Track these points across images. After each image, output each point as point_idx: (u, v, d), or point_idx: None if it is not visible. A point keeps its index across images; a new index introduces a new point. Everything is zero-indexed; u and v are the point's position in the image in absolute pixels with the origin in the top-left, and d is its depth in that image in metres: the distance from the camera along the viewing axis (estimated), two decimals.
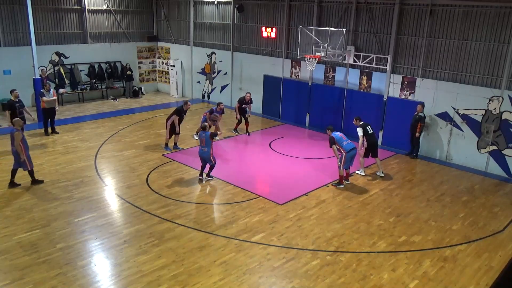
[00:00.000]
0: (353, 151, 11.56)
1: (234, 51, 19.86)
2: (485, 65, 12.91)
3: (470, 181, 12.55)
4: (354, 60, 15.23)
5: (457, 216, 10.29)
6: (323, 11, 16.38)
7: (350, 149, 11.51)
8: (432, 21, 13.72)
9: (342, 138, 11.63)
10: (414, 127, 13.87)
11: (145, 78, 23.45)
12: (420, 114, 13.77)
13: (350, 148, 11.52)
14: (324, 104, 16.86)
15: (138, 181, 11.63)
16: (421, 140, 14.26)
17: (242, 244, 8.69)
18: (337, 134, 11.71)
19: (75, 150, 13.75)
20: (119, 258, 8.11)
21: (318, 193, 11.23)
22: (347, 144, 11.52)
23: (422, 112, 13.79)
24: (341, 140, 11.55)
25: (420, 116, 13.74)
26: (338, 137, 11.56)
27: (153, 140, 15.03)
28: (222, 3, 19.91)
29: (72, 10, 20.13)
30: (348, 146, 11.51)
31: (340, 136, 11.64)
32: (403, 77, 14.62)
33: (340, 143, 11.48)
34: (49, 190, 10.83)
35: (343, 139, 11.61)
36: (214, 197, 10.94)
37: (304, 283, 7.56)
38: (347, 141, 11.58)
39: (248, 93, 16.06)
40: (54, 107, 15.18)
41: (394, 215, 10.19)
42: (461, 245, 9.00)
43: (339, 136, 11.65)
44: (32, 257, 8.01)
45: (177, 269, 7.80)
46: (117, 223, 9.45)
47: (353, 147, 11.59)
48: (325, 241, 8.91)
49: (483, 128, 13.14)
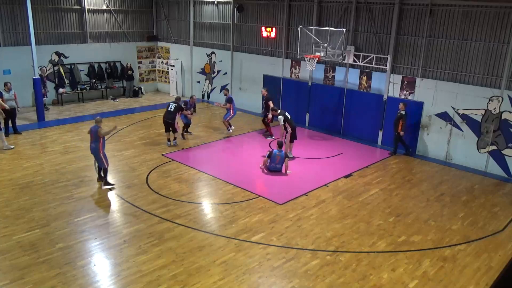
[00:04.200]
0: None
1: (234, 51, 19.86)
2: (484, 65, 12.92)
3: (470, 181, 12.55)
4: (354, 60, 15.23)
5: (456, 216, 10.30)
6: (323, 11, 16.38)
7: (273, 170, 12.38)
8: (432, 21, 13.73)
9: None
10: (396, 125, 14.02)
11: (145, 78, 23.44)
12: (401, 112, 13.91)
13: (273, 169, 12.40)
14: (324, 104, 16.86)
15: (137, 181, 11.63)
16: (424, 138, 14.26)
17: (241, 244, 8.69)
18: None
19: (74, 150, 13.75)
20: (119, 258, 8.11)
21: (317, 193, 11.23)
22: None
23: (404, 110, 13.91)
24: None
25: (401, 114, 13.89)
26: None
27: (153, 140, 15.02)
28: (222, 3, 19.91)
29: (72, 10, 20.13)
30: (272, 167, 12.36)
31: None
32: (403, 77, 14.63)
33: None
34: (48, 190, 10.83)
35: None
36: (214, 197, 10.94)
37: (304, 283, 7.56)
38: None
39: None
40: (14, 107, 14.96)
41: (394, 215, 10.19)
42: (461, 245, 9.00)
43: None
44: (31, 257, 8.01)
45: (177, 269, 7.80)
46: (116, 223, 9.45)
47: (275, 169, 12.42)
48: (324, 241, 8.91)
49: (482, 128, 13.14)
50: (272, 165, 12.26)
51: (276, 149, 12.22)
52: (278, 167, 12.28)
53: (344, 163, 13.52)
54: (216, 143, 15.05)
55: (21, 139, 14.60)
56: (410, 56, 14.41)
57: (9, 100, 14.75)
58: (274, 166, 12.27)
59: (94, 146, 10.86)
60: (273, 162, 12.21)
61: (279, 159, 12.17)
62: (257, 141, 15.60)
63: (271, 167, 12.30)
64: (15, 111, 15.03)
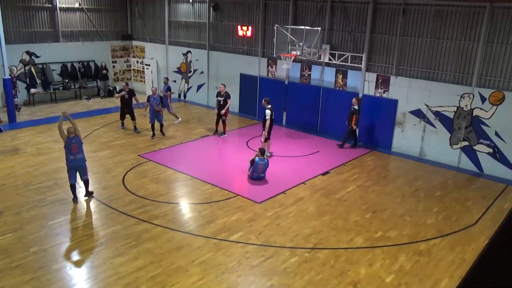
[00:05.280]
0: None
1: (210, 50, 19.77)
2: (456, 63, 13.23)
3: (443, 176, 12.84)
4: (330, 58, 15.37)
5: (431, 211, 10.52)
6: (298, 10, 16.47)
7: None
8: (405, 20, 13.97)
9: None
10: (350, 119, 14.45)
11: (120, 78, 23.09)
12: (354, 107, 14.35)
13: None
14: (301, 102, 16.96)
15: (114, 182, 11.45)
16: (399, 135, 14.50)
17: (220, 244, 8.66)
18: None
19: (48, 152, 13.43)
20: (95, 261, 7.97)
21: (295, 191, 11.29)
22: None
23: (357, 105, 14.35)
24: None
25: (355, 109, 14.34)
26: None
27: (129, 141, 14.82)
28: (197, 2, 19.78)
29: (43, 8, 19.64)
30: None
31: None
32: (378, 75, 14.85)
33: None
34: (21, 193, 10.55)
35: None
36: (192, 196, 10.87)
37: (283, 280, 7.59)
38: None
39: (222, 84, 15.83)
40: None
41: (370, 211, 10.34)
42: (435, 239, 9.21)
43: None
44: (4, 262, 7.79)
45: (155, 270, 7.72)
46: (93, 225, 9.29)
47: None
48: (303, 238, 8.97)
49: (455, 124, 13.46)
50: (255, 175, 11.78)
51: (258, 158, 11.75)
52: (262, 176, 11.83)
53: (321, 160, 13.64)
54: (193, 143, 14.96)
55: None
56: (385, 54, 14.64)
57: None
58: (257, 175, 11.79)
59: (82, 156, 9.96)
60: (256, 171, 11.75)
61: (262, 168, 11.74)
62: (235, 140, 15.59)
63: (254, 177, 11.82)
64: None
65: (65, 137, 9.73)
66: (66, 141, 9.71)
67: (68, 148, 9.71)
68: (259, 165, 11.70)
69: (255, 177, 11.84)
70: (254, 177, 11.84)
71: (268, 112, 13.26)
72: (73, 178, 9.95)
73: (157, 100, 15.06)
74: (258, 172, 11.78)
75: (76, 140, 9.79)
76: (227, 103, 15.36)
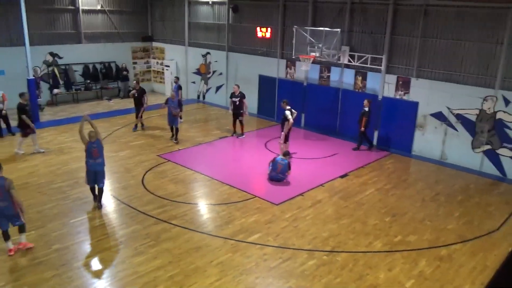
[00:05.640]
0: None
1: (229, 51, 19.85)
2: (479, 65, 12.99)
3: (465, 180, 12.61)
4: (349, 60, 15.26)
5: (452, 216, 10.34)
6: (317, 11, 16.41)
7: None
8: (426, 22, 13.78)
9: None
10: (360, 121, 14.32)
11: (140, 79, 23.33)
12: (365, 108, 14.22)
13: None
14: (319, 104, 16.88)
15: (133, 181, 11.59)
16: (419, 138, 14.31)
17: (238, 245, 8.68)
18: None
19: (70, 151, 13.67)
20: (115, 259, 8.08)
21: (313, 193, 11.24)
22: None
23: (368, 107, 14.18)
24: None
25: (365, 110, 14.19)
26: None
27: (149, 141, 14.98)
28: (217, 4, 19.89)
29: (66, 10, 20.03)
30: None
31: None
32: (398, 77, 14.68)
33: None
34: (43, 191, 10.77)
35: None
36: (210, 197, 10.93)
37: (301, 283, 7.56)
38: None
39: (236, 85, 15.79)
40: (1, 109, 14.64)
41: (390, 215, 10.23)
42: (457, 245, 9.05)
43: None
44: (27, 258, 7.97)
45: (174, 270, 7.78)
46: (112, 224, 9.42)
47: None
48: (321, 241, 8.93)
49: (477, 127, 13.21)
50: (273, 174, 11.72)
51: (280, 157, 11.74)
52: (280, 176, 11.72)
53: (339, 163, 13.55)
54: (211, 144, 15.04)
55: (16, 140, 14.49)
56: (405, 56, 14.47)
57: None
58: (275, 175, 11.68)
59: (102, 161, 9.83)
60: (274, 170, 11.71)
61: (281, 168, 11.64)
62: (253, 142, 15.61)
63: (273, 176, 11.74)
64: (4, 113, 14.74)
65: (86, 142, 9.68)
66: (87, 145, 9.65)
67: (89, 152, 9.62)
68: (279, 164, 11.68)
69: (274, 177, 11.77)
70: (273, 177, 11.78)
71: (287, 113, 13.22)
72: (91, 181, 9.88)
73: (175, 104, 14.85)
74: (276, 171, 11.72)
75: (97, 144, 9.70)
76: (244, 103, 15.41)
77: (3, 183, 7.74)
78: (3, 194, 7.73)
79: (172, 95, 15.04)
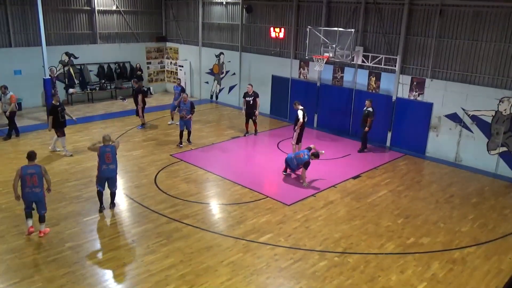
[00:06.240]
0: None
1: (242, 52, 19.88)
2: (495, 65, 12.79)
3: (480, 182, 12.43)
4: (363, 60, 15.16)
5: (466, 218, 10.21)
6: (331, 11, 16.34)
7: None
8: (442, 22, 13.63)
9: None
10: (364, 122, 14.17)
11: (154, 78, 23.55)
12: (368, 109, 14.04)
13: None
14: (333, 105, 16.81)
15: (146, 181, 11.68)
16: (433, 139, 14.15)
17: (249, 245, 8.69)
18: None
19: (84, 150, 13.77)
20: (127, 258, 8.16)
21: (326, 194, 11.20)
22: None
23: (370, 107, 14.02)
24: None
25: (369, 111, 14.02)
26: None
27: (162, 140, 15.09)
28: (230, 4, 19.94)
29: (82, 11, 20.29)
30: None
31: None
32: (412, 78, 14.54)
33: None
34: (58, 190, 10.91)
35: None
36: (222, 197, 10.96)
37: (312, 284, 7.54)
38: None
39: (250, 85, 15.86)
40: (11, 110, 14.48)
41: (403, 217, 10.13)
42: (471, 247, 8.93)
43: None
44: (42, 256, 8.10)
45: (185, 269, 7.83)
46: (125, 222, 9.51)
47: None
48: (333, 242, 8.89)
49: (493, 129, 13.01)
50: (292, 156, 11.86)
51: (308, 151, 11.68)
52: (294, 162, 11.72)
53: (352, 164, 13.48)
54: (224, 144, 15.08)
55: (32, 139, 14.75)
56: (420, 56, 14.32)
57: (5, 103, 14.50)
58: (292, 158, 11.81)
59: (115, 167, 9.76)
60: (295, 154, 11.80)
61: (300, 158, 11.54)
62: (265, 142, 15.61)
63: (289, 157, 11.97)
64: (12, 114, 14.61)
65: (98, 148, 9.62)
66: (100, 149, 9.57)
67: (102, 157, 9.53)
68: (302, 154, 11.63)
69: (288, 158, 11.97)
70: (288, 158, 11.99)
71: (300, 113, 13.20)
72: (101, 185, 9.76)
73: (188, 107, 14.29)
74: (295, 156, 11.78)
75: (111, 148, 9.63)
76: (257, 102, 15.47)
77: (40, 171, 8.61)
78: (39, 181, 8.57)
79: (185, 98, 14.53)
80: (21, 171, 8.49)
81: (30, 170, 8.54)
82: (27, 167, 8.59)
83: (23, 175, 8.47)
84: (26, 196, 8.58)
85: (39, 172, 8.59)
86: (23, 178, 8.48)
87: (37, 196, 8.63)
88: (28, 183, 8.48)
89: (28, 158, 8.71)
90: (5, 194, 10.50)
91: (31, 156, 8.72)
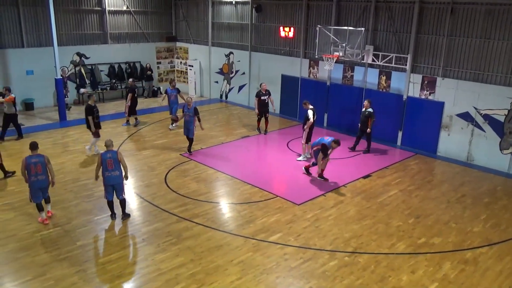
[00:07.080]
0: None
1: (252, 51, 19.88)
2: (508, 64, 12.62)
3: (492, 182, 12.29)
4: (373, 59, 15.07)
5: (478, 218, 10.10)
6: (341, 10, 16.27)
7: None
8: (453, 20, 13.49)
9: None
10: (364, 123, 13.99)
11: (164, 78, 23.65)
12: (368, 110, 13.88)
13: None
14: (343, 104, 16.73)
15: (156, 180, 11.74)
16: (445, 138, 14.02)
17: (259, 244, 8.69)
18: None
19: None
20: (138, 256, 8.21)
21: (336, 194, 11.15)
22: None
23: (370, 108, 13.87)
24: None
25: (369, 112, 13.86)
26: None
27: (172, 140, 15.15)
28: (240, 3, 19.95)
29: (93, 11, 20.45)
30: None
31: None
32: (423, 77, 14.41)
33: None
34: (69, 189, 11.02)
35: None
36: (232, 196, 10.97)
37: (322, 283, 7.51)
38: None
39: (264, 83, 16.04)
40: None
41: (414, 217, 10.06)
42: (483, 248, 8.83)
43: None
44: (53, 254, 8.17)
45: (195, 268, 7.85)
46: (135, 221, 9.56)
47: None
48: (343, 242, 8.85)
49: (505, 128, 12.86)
50: (317, 141, 11.83)
51: (331, 141, 11.49)
52: (313, 149, 11.88)
53: (362, 163, 13.40)
54: (233, 143, 15.10)
55: (44, 138, 14.88)
56: (431, 55, 14.20)
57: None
58: (317, 142, 11.79)
59: (119, 174, 9.29)
60: (321, 139, 11.71)
61: (318, 148, 11.59)
62: (275, 141, 15.59)
63: (314, 142, 12.00)
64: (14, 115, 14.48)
65: (99, 155, 9.27)
66: (101, 156, 9.19)
67: (104, 164, 9.11)
68: (323, 144, 11.56)
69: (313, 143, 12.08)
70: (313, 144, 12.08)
71: (310, 113, 13.17)
72: (109, 195, 9.34)
73: (191, 112, 13.39)
74: (315, 144, 11.76)
75: (112, 154, 9.18)
76: (271, 99, 15.82)
77: (43, 160, 9.10)
78: (43, 169, 9.08)
79: (189, 102, 13.50)
80: (26, 161, 9.03)
81: (34, 159, 9.06)
82: (31, 156, 9.11)
83: (28, 164, 8.99)
84: (32, 184, 9.08)
85: (42, 161, 9.09)
86: (28, 167, 9.00)
87: (42, 183, 9.15)
88: (32, 171, 9.00)
89: (31, 148, 9.24)
90: (18, 193, 10.63)
91: (34, 146, 9.25)
